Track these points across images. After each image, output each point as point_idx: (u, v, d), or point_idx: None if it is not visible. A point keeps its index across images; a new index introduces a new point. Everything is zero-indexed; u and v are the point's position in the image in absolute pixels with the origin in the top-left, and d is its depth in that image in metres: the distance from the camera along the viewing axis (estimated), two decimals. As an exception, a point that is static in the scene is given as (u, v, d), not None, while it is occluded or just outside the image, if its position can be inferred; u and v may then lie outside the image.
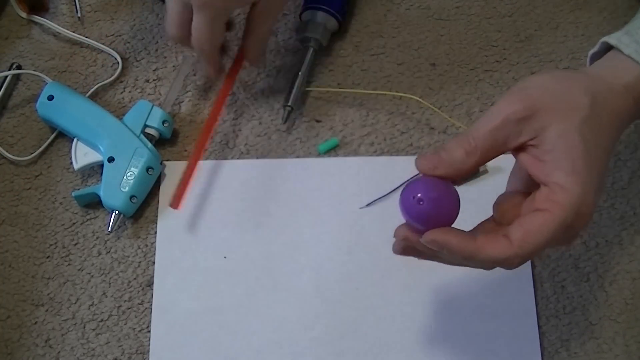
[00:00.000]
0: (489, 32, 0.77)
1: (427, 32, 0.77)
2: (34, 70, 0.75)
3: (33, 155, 0.72)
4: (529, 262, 0.68)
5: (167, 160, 0.72)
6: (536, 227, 0.50)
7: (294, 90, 0.72)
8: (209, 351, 0.66)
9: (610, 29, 0.77)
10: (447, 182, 0.53)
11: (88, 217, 0.71)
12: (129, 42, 0.77)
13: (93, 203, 0.71)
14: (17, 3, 0.77)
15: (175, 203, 0.69)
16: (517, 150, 0.53)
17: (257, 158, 0.72)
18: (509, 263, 0.51)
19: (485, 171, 0.71)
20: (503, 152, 0.53)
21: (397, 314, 0.67)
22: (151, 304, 0.67)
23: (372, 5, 0.78)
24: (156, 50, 0.77)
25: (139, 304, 0.68)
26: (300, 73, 0.73)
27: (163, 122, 0.71)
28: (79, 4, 0.78)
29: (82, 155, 0.71)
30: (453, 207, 0.53)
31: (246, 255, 0.69)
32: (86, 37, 0.77)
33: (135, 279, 0.69)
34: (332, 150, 0.72)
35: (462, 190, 0.54)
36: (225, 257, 0.69)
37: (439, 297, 0.67)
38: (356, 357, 0.66)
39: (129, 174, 0.69)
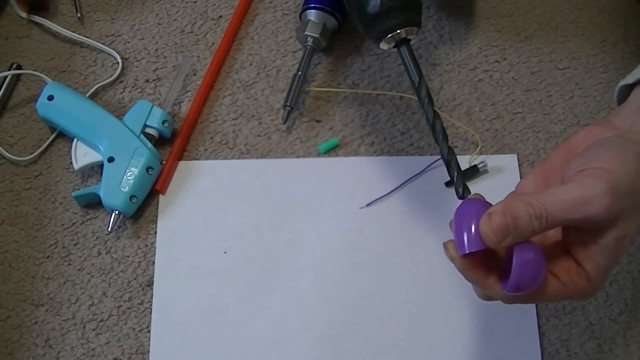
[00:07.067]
0: (489, 32, 0.77)
1: (427, 32, 0.77)
2: (34, 70, 0.75)
3: (33, 155, 0.72)
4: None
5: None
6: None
7: (293, 90, 0.72)
8: (209, 351, 0.66)
9: (610, 28, 0.77)
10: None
11: (88, 217, 0.71)
12: (129, 42, 0.77)
13: (93, 203, 0.71)
14: (17, 3, 0.77)
15: (159, 185, 0.70)
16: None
17: (257, 158, 0.72)
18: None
19: (486, 171, 0.71)
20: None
21: (397, 314, 0.67)
22: (151, 304, 0.67)
23: (372, 5, 0.78)
24: (156, 50, 0.77)
25: (139, 304, 0.68)
26: (299, 73, 0.73)
27: (163, 122, 0.71)
28: (79, 4, 0.78)
29: (82, 155, 0.71)
30: None
31: (246, 256, 0.69)
32: (86, 37, 0.77)
33: (135, 279, 0.68)
34: (332, 150, 0.72)
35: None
36: (225, 252, 0.69)
37: (439, 297, 0.67)
38: (356, 357, 0.66)
39: (129, 174, 0.69)
